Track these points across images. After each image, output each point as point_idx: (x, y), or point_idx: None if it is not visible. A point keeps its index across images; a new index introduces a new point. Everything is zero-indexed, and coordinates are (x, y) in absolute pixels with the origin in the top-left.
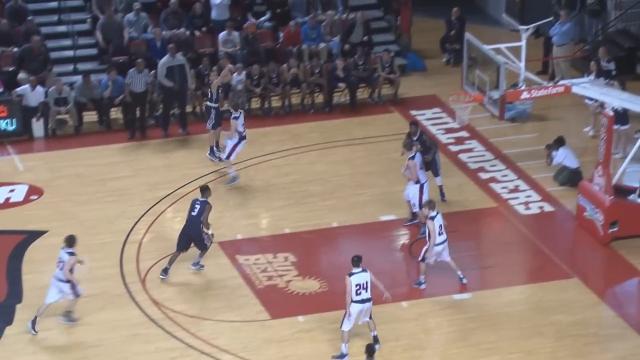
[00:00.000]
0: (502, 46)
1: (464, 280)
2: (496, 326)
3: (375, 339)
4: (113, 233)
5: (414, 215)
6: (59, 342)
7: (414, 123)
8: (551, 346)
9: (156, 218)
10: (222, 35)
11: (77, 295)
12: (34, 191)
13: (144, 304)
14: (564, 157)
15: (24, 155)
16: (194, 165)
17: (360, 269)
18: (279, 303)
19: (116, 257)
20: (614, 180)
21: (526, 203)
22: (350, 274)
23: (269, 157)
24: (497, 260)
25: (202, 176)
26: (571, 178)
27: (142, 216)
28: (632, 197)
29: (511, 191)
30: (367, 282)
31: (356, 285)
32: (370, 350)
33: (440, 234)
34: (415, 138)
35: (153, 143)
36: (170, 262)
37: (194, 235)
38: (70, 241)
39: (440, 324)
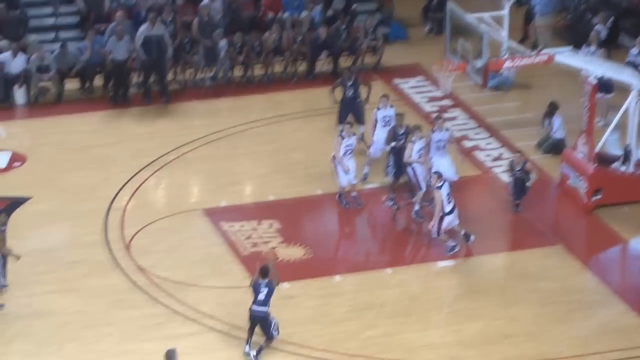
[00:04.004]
0: (485, 15)
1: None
2: (480, 293)
3: (467, 236)
4: (97, 200)
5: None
6: (45, 308)
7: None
8: (534, 313)
9: (140, 185)
10: (203, 3)
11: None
12: (17, 158)
13: (129, 270)
14: (560, 122)
15: (6, 122)
16: (176, 133)
17: (442, 181)
18: None
19: (100, 224)
20: (597, 149)
21: None
22: (439, 187)
23: (252, 124)
24: (481, 227)
25: (186, 143)
26: (555, 146)
27: (126, 183)
28: (615, 165)
29: (495, 159)
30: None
31: (447, 195)
32: (263, 271)
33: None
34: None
35: (135, 111)
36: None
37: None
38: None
39: (425, 291)
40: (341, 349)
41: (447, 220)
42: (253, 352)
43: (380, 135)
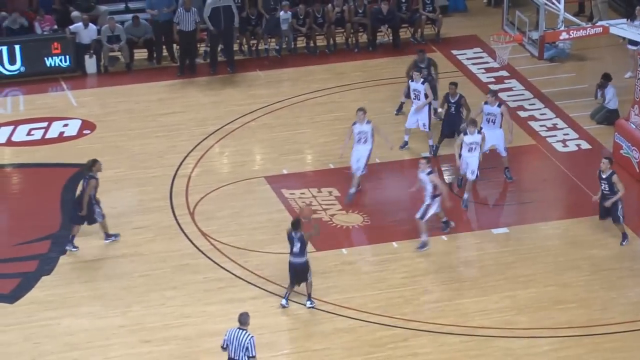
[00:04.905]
0: None
1: (452, 224)
2: (533, 260)
3: (447, 223)
4: (163, 167)
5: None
6: (111, 271)
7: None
8: (586, 279)
9: (205, 153)
10: None
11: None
12: (87, 126)
13: (193, 236)
14: (613, 93)
15: (77, 91)
16: (241, 102)
17: (430, 168)
18: (323, 236)
19: (166, 190)
20: None
21: (564, 141)
22: (429, 172)
23: (314, 94)
24: (535, 196)
25: (249, 112)
26: (608, 117)
27: (191, 151)
28: None
29: (549, 129)
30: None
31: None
32: (295, 224)
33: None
34: (453, 100)
35: (201, 80)
36: None
37: None
38: None
39: (479, 258)
40: (397, 313)
41: (434, 206)
42: (283, 302)
43: (411, 108)
